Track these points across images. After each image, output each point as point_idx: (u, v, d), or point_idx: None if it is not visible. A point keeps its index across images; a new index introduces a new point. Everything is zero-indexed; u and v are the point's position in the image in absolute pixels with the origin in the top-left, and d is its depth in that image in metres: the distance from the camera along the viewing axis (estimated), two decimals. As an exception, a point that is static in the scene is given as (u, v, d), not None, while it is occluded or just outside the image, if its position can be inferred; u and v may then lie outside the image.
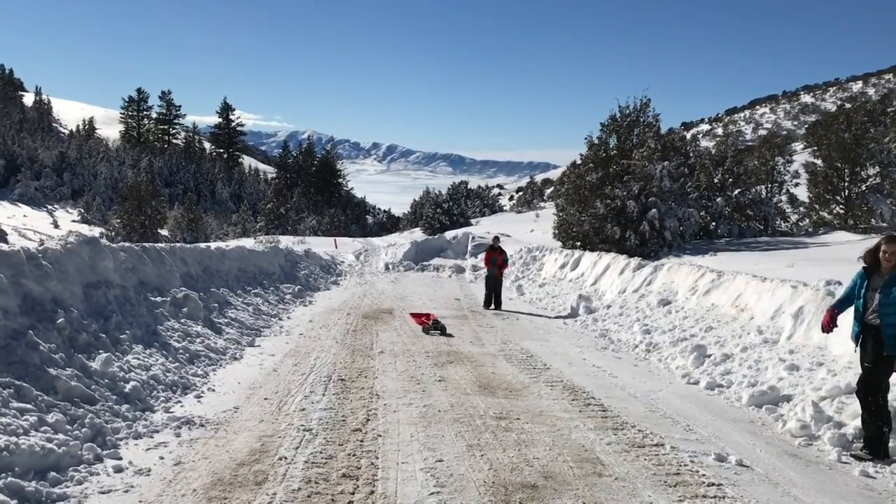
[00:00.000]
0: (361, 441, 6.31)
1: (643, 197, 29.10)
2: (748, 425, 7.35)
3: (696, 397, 8.52)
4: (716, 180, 33.17)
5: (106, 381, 7.06)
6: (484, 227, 47.04)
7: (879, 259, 6.39)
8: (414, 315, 14.47)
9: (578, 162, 34.56)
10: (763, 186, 34.21)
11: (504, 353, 11.00)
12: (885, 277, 6.34)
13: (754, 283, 11.69)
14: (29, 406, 5.82)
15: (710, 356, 9.93)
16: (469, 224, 58.59)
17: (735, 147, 36.50)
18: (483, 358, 10.52)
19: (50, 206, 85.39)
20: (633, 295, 15.37)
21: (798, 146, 54.80)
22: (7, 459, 4.96)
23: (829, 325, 6.80)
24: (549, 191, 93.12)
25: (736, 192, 32.85)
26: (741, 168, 33.18)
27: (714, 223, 32.98)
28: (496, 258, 17.26)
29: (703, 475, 5.66)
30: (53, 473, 5.10)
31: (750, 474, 5.80)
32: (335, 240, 41.29)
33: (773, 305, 10.70)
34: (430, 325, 12.78)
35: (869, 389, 6.35)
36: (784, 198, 34.45)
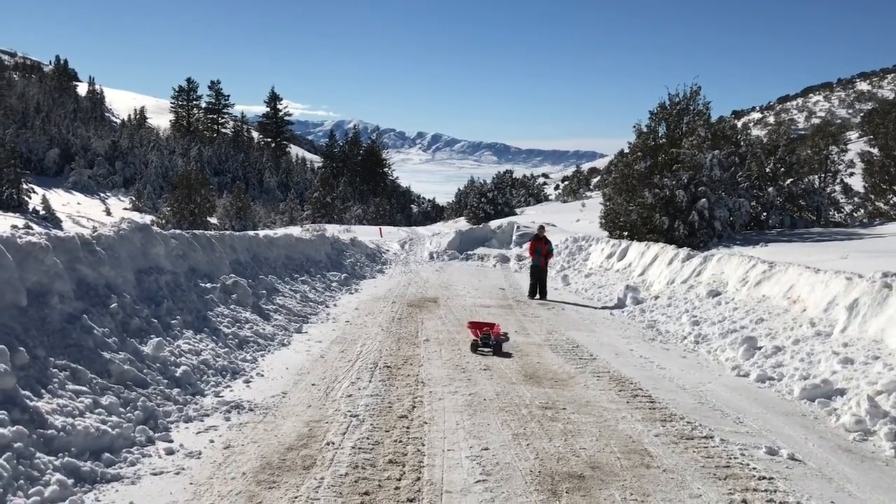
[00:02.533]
0: (408, 428, 6.34)
1: (692, 186, 28.61)
2: (800, 419, 7.20)
3: (747, 390, 8.38)
4: (767, 170, 32.44)
5: (157, 365, 7.21)
6: (529, 217, 46.81)
7: None
8: (473, 324, 11.73)
9: (626, 150, 34.10)
10: (816, 176, 33.36)
11: (549, 343, 10.94)
12: None
13: (807, 275, 11.43)
14: (84, 388, 5.96)
15: (760, 348, 9.75)
16: (514, 213, 58.38)
17: (787, 136, 35.52)
18: (528, 348, 10.47)
19: (102, 194, 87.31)
20: (682, 286, 15.15)
21: (853, 135, 53.34)
22: (64, 440, 5.09)
23: None
24: (595, 180, 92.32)
25: (788, 181, 32.10)
26: (793, 157, 32.38)
27: (765, 213, 32.30)
28: (541, 248, 17.14)
29: (754, 468, 5.56)
30: (107, 454, 5.22)
31: (802, 468, 5.68)
32: (380, 229, 41.50)
33: (826, 297, 10.45)
34: (480, 340, 10.33)
35: None
36: (838, 188, 33.55)
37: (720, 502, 4.91)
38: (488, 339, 10.26)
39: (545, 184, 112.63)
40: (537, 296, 16.65)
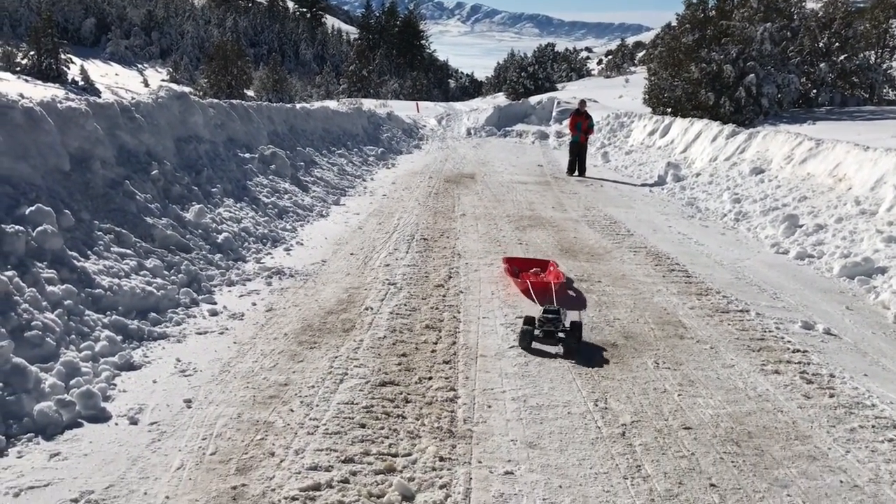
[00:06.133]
0: (444, 296, 6.43)
1: (741, 61, 27.58)
2: (838, 296, 7.16)
3: (785, 266, 8.32)
4: (820, 45, 31.01)
5: (199, 231, 7.34)
6: (570, 93, 45.77)
7: None
8: (511, 263, 7.41)
9: (674, 23, 32.77)
10: (872, 52, 31.80)
11: (587, 218, 10.90)
12: None
13: (855, 153, 11.11)
14: (128, 251, 6.11)
15: (801, 226, 9.62)
16: (555, 89, 57.12)
17: (845, 8, 33.70)
18: (565, 223, 10.45)
19: (140, 66, 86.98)
20: (725, 163, 14.86)
21: (916, 8, 50.42)
22: (111, 299, 5.26)
23: None
24: (640, 54, 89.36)
25: (842, 57, 30.74)
26: (849, 31, 30.82)
27: (815, 91, 31.15)
28: (581, 123, 16.82)
29: (789, 342, 5.59)
30: (153, 314, 5.39)
31: (837, 343, 5.70)
32: (417, 104, 40.95)
33: (874, 176, 10.18)
34: (542, 316, 5.33)
35: None
36: (895, 64, 32.05)
37: (753, 372, 4.96)
38: (557, 320, 5.34)
39: (588, 58, 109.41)
40: (576, 172, 16.48)
